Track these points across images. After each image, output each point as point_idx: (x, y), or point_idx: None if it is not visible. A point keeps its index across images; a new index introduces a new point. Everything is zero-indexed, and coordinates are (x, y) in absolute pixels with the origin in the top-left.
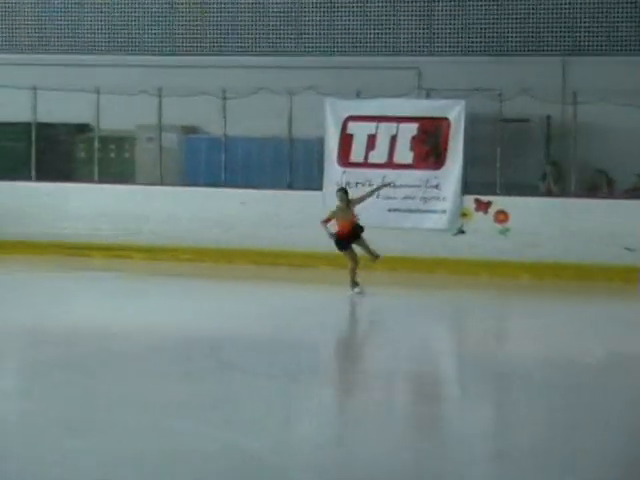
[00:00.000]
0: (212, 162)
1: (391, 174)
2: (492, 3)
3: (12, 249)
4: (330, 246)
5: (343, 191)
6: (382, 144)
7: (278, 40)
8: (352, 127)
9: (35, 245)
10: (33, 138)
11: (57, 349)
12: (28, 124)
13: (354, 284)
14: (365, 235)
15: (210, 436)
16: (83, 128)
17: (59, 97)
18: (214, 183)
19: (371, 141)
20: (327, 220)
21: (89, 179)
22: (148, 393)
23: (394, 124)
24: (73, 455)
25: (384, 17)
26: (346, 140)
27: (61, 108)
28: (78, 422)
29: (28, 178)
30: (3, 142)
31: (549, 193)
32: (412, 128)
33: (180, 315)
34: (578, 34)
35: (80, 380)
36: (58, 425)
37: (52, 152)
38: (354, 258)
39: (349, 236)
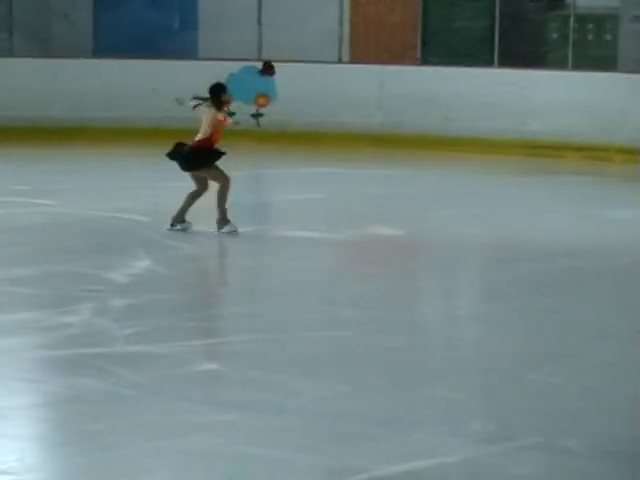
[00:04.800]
0: None
1: None
2: None
3: (467, 147)
4: None
5: None
6: None
7: None
8: None
9: (494, 143)
10: (497, 16)
11: (518, 265)
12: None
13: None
14: None
15: None
16: (556, 4)
17: None
18: None
19: None
20: None
21: (561, 65)
22: (624, 318)
23: None
24: (531, 386)
25: None
26: None
27: None
28: (540, 350)
29: (489, 63)
30: (462, 21)
31: None
32: None
33: None
34: None
35: (544, 303)
36: (517, 353)
37: (518, 32)
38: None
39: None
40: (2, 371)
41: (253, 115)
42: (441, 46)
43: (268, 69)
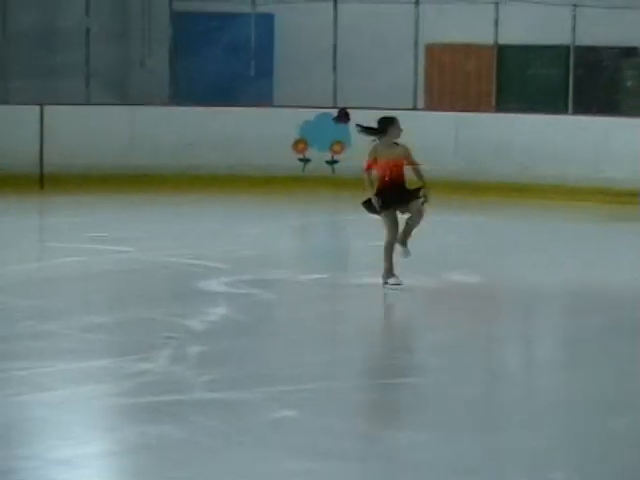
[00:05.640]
0: None
1: None
2: None
3: (544, 194)
4: None
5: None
6: None
7: None
8: None
9: (571, 189)
10: (571, 64)
11: (599, 312)
12: (566, 47)
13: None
14: None
15: None
16: (631, 52)
17: (603, 15)
18: None
19: None
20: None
21: (636, 113)
22: None
23: None
24: (616, 436)
25: None
26: None
27: (605, 29)
28: (625, 398)
29: (564, 111)
30: (537, 68)
31: None
32: None
33: None
34: None
35: (628, 349)
36: (599, 403)
37: (593, 80)
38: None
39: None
40: (78, 419)
41: (328, 162)
42: (516, 94)
43: (343, 116)
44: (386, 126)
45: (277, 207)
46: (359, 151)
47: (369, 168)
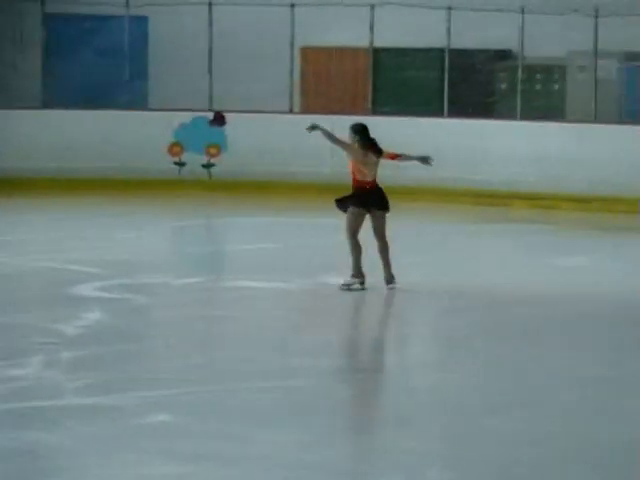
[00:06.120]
0: None
1: None
2: None
3: (418, 195)
4: None
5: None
6: None
7: None
8: None
9: (444, 191)
10: (446, 67)
11: (473, 314)
12: (441, 50)
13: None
14: None
15: None
16: (504, 55)
17: (476, 18)
18: None
19: None
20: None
21: (510, 115)
22: (580, 366)
23: None
24: (490, 434)
25: None
26: None
27: (478, 32)
28: (500, 399)
29: (439, 113)
30: (412, 71)
31: None
32: None
33: (615, 277)
34: None
35: (500, 351)
36: (476, 402)
37: (467, 83)
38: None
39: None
40: None
41: (204, 165)
42: (391, 96)
43: (219, 119)
44: (363, 130)
45: (153, 211)
46: (235, 154)
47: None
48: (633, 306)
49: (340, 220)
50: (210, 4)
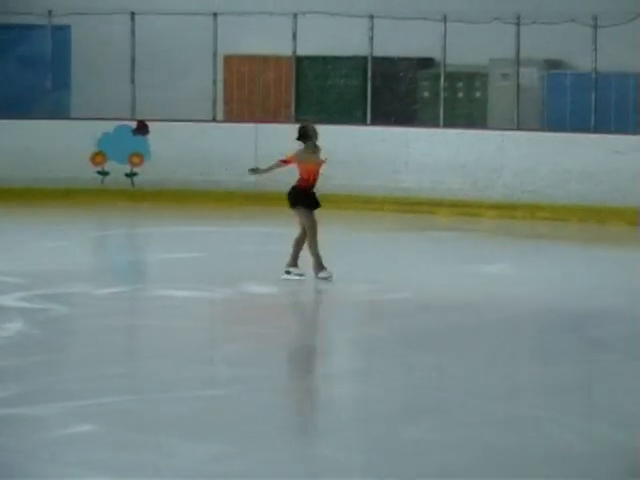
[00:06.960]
0: (579, 103)
1: None
2: None
3: (342, 203)
4: None
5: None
6: None
7: None
8: None
9: (368, 199)
10: (369, 75)
11: (395, 321)
12: (364, 58)
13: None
14: None
15: (573, 426)
16: (427, 63)
17: (399, 27)
18: (581, 128)
19: None
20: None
21: (433, 123)
22: (498, 374)
23: None
24: (411, 445)
25: None
26: None
27: (401, 40)
28: (417, 407)
29: (362, 121)
30: (335, 79)
31: None
32: None
33: (536, 284)
34: None
35: (421, 359)
36: (394, 410)
37: (390, 91)
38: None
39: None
40: None
41: (127, 174)
42: (314, 104)
43: (142, 128)
44: (307, 132)
45: (75, 220)
46: (158, 163)
47: (286, 163)
48: (553, 313)
49: (264, 228)
50: (132, 13)
